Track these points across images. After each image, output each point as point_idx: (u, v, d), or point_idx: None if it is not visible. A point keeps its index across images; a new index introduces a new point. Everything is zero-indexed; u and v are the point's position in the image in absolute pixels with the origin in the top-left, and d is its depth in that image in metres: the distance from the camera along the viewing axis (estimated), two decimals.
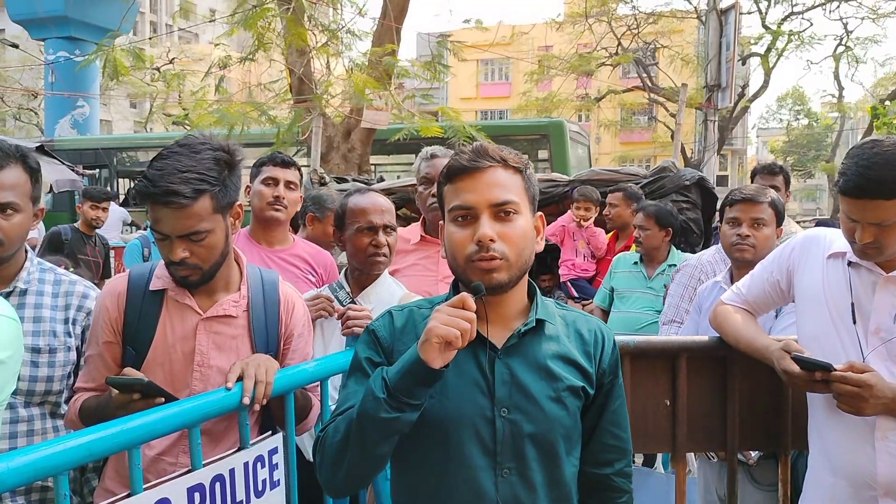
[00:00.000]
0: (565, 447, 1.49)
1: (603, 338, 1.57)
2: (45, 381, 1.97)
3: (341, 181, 6.25)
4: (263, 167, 3.06)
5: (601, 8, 21.04)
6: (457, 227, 1.44)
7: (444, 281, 2.91)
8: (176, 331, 1.87)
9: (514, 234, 1.42)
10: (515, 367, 1.46)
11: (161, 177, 1.72)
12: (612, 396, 1.57)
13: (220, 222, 1.82)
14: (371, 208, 2.49)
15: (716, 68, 14.01)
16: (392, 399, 1.33)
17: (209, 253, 1.82)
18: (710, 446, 2.46)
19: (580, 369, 1.51)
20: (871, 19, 22.67)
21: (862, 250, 1.83)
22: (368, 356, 1.51)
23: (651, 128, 32.96)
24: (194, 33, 33.87)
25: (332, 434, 1.43)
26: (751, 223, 2.76)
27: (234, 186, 1.86)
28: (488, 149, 1.45)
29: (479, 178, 1.43)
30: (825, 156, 37.82)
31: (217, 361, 1.87)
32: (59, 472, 1.39)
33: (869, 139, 1.81)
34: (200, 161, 1.77)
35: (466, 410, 1.44)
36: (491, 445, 1.44)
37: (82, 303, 2.06)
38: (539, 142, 11.40)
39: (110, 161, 13.59)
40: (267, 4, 8.20)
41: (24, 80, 25.01)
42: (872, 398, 1.75)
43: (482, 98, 41.00)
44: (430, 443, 1.45)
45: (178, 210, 1.73)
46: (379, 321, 1.56)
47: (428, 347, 1.30)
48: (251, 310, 1.95)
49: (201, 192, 1.75)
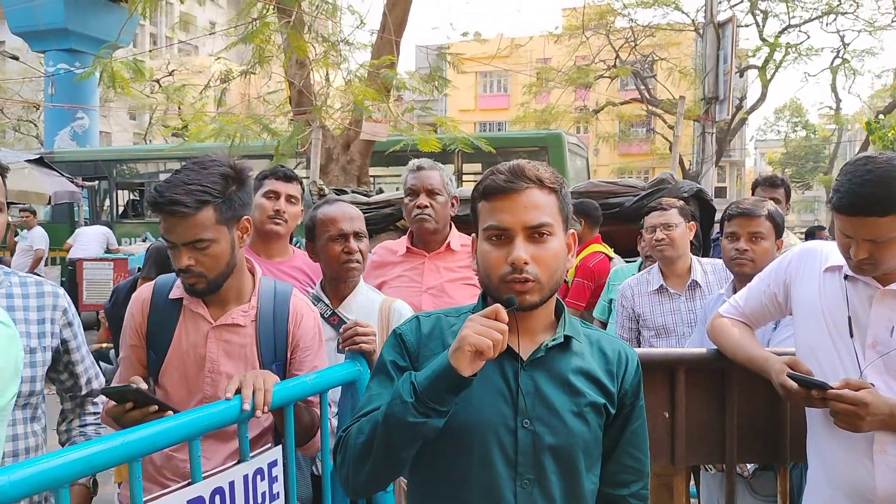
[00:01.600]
0: (585, 462, 1.49)
1: (627, 359, 1.58)
2: (30, 381, 1.96)
3: (341, 193, 6.26)
4: (265, 180, 3.06)
5: (599, 21, 21.15)
6: (491, 245, 1.45)
7: (427, 292, 2.92)
8: (190, 337, 2.01)
9: (548, 256, 1.44)
10: (540, 380, 1.48)
11: (168, 189, 1.87)
12: (632, 417, 1.58)
13: (224, 233, 1.93)
14: (340, 216, 2.51)
15: (713, 81, 14.07)
16: (420, 404, 1.34)
17: (214, 262, 1.93)
18: (709, 459, 2.46)
19: (602, 387, 1.52)
20: (867, 32, 22.81)
21: (857, 266, 1.83)
22: (394, 359, 1.53)
23: (649, 140, 33.02)
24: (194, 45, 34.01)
25: (355, 435, 1.45)
26: (749, 237, 2.78)
27: (241, 202, 1.97)
28: (525, 169, 1.46)
29: (516, 199, 1.44)
30: (823, 167, 37.95)
31: (227, 368, 1.99)
32: (60, 485, 1.40)
33: (862, 155, 1.82)
34: (206, 176, 1.90)
35: (490, 419, 1.45)
36: (512, 455, 1.45)
37: (56, 302, 2.04)
38: (537, 154, 11.42)
39: (109, 173, 13.59)
40: (268, 18, 8.24)
41: (24, 92, 25.06)
42: (869, 416, 1.75)
43: (481, 110, 41.08)
44: (452, 450, 1.46)
45: (182, 219, 1.86)
46: (406, 325, 1.58)
47: (460, 355, 1.32)
48: (259, 320, 2.04)
49: (204, 203, 1.87)
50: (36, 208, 11.25)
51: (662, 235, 3.44)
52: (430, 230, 2.99)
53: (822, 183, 34.76)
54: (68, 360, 2.10)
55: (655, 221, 3.50)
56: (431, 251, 3.02)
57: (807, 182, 44.92)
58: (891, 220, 1.72)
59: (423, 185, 2.98)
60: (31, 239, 10.65)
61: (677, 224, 3.46)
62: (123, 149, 19.99)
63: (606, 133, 27.95)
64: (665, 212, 3.50)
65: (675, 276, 3.49)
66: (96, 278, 10.40)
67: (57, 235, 12.01)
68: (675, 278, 3.49)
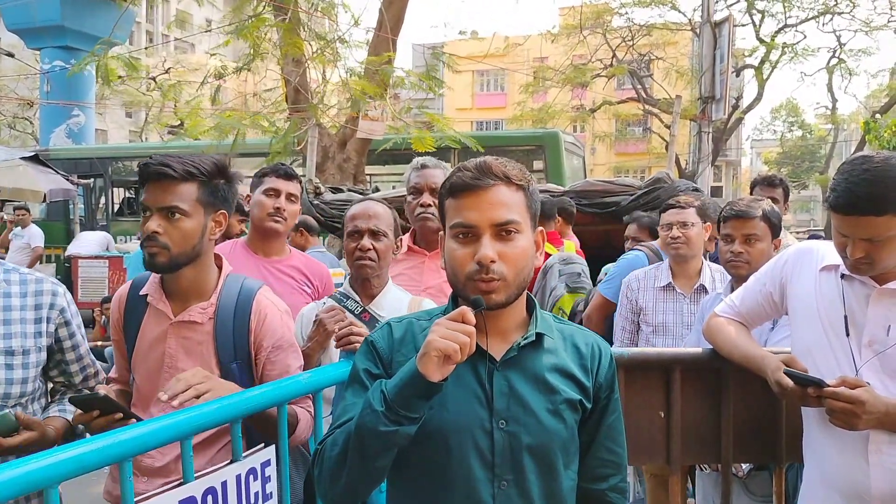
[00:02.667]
0: (563, 460, 1.48)
1: (600, 352, 1.57)
2: (21, 383, 1.96)
3: (337, 191, 6.26)
4: (265, 177, 3.02)
5: (596, 20, 21.15)
6: (458, 243, 1.44)
7: (426, 291, 2.90)
8: (153, 333, 2.04)
9: (514, 254, 1.42)
10: (514, 380, 1.46)
11: (161, 159, 1.95)
12: (608, 411, 1.57)
13: (199, 213, 1.97)
14: (360, 214, 2.50)
15: (710, 80, 14.07)
16: (390, 412, 1.32)
17: (180, 237, 1.94)
18: (705, 458, 2.46)
19: (577, 383, 1.51)
20: (863, 32, 22.85)
21: (854, 265, 1.83)
22: (367, 367, 1.51)
23: (646, 139, 33.06)
24: (190, 43, 33.91)
25: (330, 447, 1.43)
26: (743, 239, 2.77)
27: (224, 195, 2.02)
28: (492, 166, 1.44)
29: (482, 196, 1.42)
30: (819, 167, 37.95)
31: (185, 365, 1.98)
32: (50, 485, 1.38)
33: (859, 155, 1.81)
34: (200, 158, 1.99)
35: (465, 422, 1.44)
36: (489, 457, 1.44)
37: (53, 301, 2.04)
38: (534, 152, 11.41)
39: (105, 170, 13.52)
40: (262, 14, 8.21)
41: (20, 89, 24.96)
42: (865, 414, 1.74)
43: (478, 108, 41.11)
44: (429, 454, 1.44)
45: (165, 185, 1.93)
46: (378, 333, 1.56)
47: (427, 361, 1.30)
48: (217, 317, 2.03)
49: (191, 176, 1.95)
50: (31, 206, 11.20)
51: (678, 233, 3.40)
52: (433, 229, 2.97)
53: (819, 183, 34.79)
54: (61, 358, 2.09)
55: (672, 219, 3.44)
56: (432, 250, 3.01)
57: (803, 182, 45.00)
58: (888, 220, 1.71)
59: (427, 184, 2.96)
60: (28, 237, 10.61)
61: (694, 223, 3.43)
62: (119, 146, 19.90)
63: (603, 132, 27.97)
64: (683, 210, 3.45)
65: (685, 277, 3.47)
66: (91, 276, 10.38)
67: (52, 233, 11.96)
68: (684, 279, 3.47)
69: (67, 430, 2.03)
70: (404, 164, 3.28)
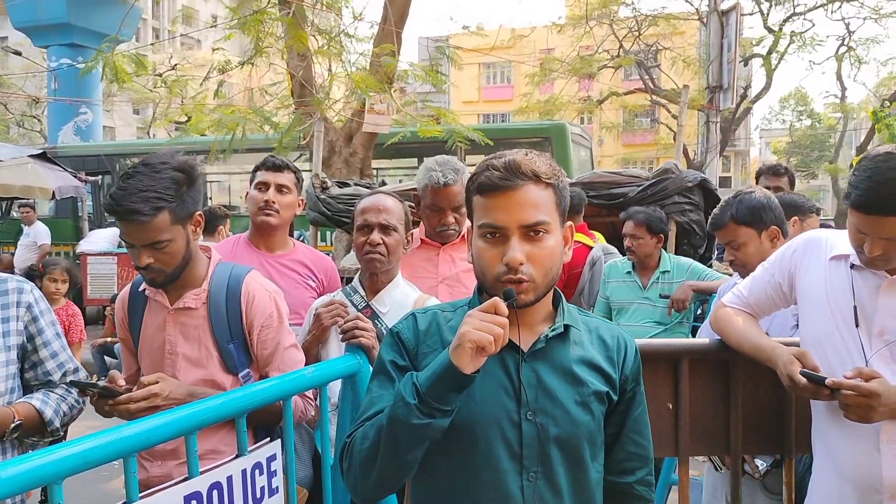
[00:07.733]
0: (590, 452, 1.48)
1: (626, 344, 1.57)
2: None
3: (343, 185, 6.24)
4: (257, 172, 3.05)
5: (602, 10, 21.02)
6: (486, 243, 1.43)
7: (443, 283, 2.89)
8: (153, 323, 2.19)
9: (543, 254, 1.41)
10: (542, 371, 1.46)
11: (123, 197, 1.96)
12: (634, 403, 1.57)
13: (179, 232, 2.06)
14: (370, 207, 2.49)
15: (717, 70, 14.01)
16: (423, 405, 1.32)
17: (171, 258, 2.07)
18: (714, 450, 2.44)
19: (604, 374, 1.51)
20: (873, 19, 22.59)
21: (870, 261, 1.81)
22: (392, 359, 1.51)
23: (653, 130, 32.91)
24: (196, 39, 33.93)
25: (360, 440, 1.43)
26: (728, 246, 2.74)
27: (193, 200, 2.10)
28: (521, 164, 1.42)
29: (511, 196, 1.40)
30: (828, 156, 37.71)
31: (183, 349, 2.15)
32: (55, 481, 1.38)
33: (883, 150, 1.75)
34: (159, 181, 2.00)
35: (493, 413, 1.43)
36: (517, 449, 1.43)
37: (19, 299, 2.03)
38: (541, 144, 11.37)
39: (113, 167, 13.55)
40: (266, 8, 8.19)
41: (28, 87, 25.05)
42: (881, 406, 1.72)
43: (484, 101, 40.97)
44: (457, 446, 1.44)
45: (140, 225, 1.98)
46: (403, 323, 1.55)
47: (461, 352, 1.29)
48: (210, 301, 2.16)
49: (159, 209, 1.99)
50: (39, 203, 11.23)
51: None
52: (453, 238, 2.97)
53: (828, 172, 34.56)
54: (36, 359, 2.07)
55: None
56: (446, 242, 2.99)
57: (812, 171, 44.73)
58: None
59: (450, 205, 2.89)
60: (34, 235, 10.64)
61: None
62: (127, 143, 19.96)
63: (610, 123, 27.87)
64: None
65: None
66: (101, 273, 10.41)
67: (60, 230, 12.01)
68: None
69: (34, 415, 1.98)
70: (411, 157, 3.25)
